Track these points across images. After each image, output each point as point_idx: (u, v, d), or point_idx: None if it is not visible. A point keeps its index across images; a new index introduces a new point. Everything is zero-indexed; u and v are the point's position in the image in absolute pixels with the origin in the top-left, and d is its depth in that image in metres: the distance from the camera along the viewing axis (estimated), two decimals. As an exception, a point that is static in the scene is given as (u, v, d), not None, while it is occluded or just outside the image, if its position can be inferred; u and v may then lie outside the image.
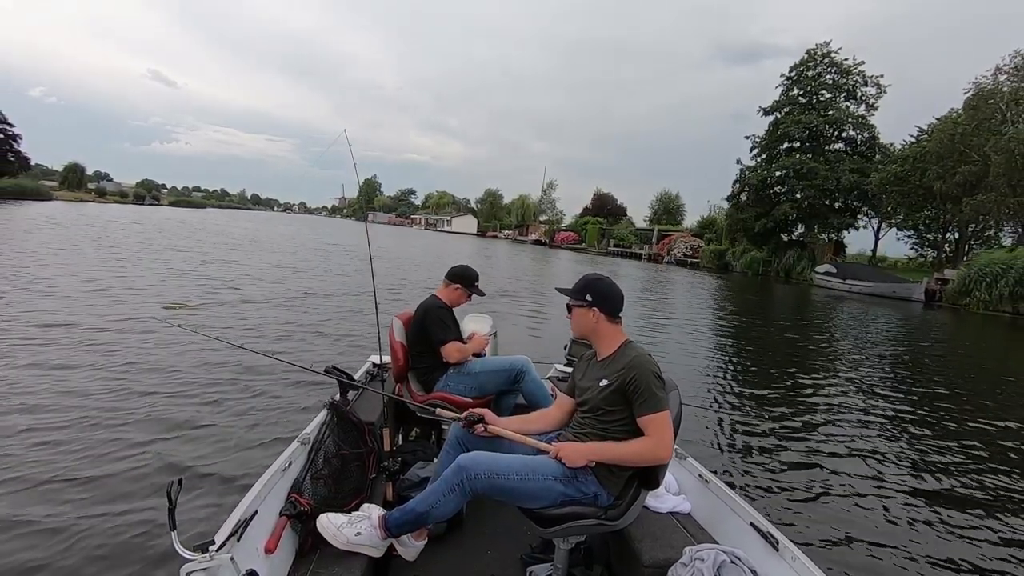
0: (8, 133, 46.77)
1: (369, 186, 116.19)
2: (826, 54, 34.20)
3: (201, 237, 22.03)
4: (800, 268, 31.42)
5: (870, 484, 3.75)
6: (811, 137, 33.99)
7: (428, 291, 2.82)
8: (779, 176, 34.21)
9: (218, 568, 1.25)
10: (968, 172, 24.21)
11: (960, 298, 20.93)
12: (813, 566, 1.47)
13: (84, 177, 69.25)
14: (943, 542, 3.04)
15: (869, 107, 33.87)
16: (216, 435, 3.50)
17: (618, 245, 51.89)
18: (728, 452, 4.15)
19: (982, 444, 4.78)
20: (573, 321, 1.86)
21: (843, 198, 32.94)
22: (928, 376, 8.12)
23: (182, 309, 6.61)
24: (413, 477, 2.22)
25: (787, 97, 35.48)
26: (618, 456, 1.64)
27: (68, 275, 9.14)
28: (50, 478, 2.82)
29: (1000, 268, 19.53)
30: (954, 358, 10.22)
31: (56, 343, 5.16)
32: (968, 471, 4.11)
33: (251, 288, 9.90)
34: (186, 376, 4.55)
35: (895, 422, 5.31)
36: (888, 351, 10.36)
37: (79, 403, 3.80)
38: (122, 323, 6.09)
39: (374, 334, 2.61)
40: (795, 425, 4.94)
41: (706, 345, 9.23)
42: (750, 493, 3.42)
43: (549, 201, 73.64)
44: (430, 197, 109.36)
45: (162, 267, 11.49)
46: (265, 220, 58.57)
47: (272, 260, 15.90)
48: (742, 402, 5.70)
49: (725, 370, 6.96)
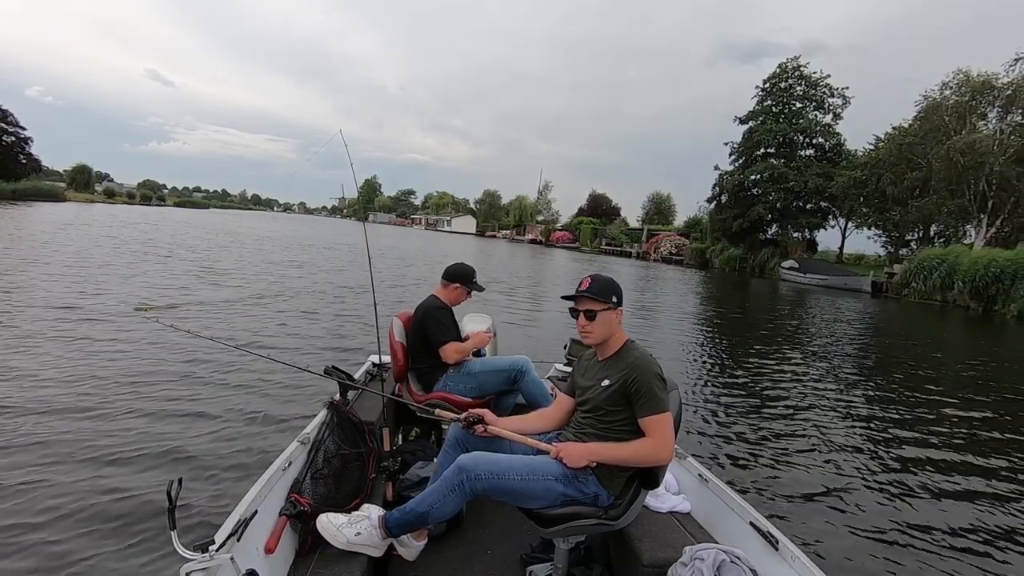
0: (20, 136, 45.87)
1: (369, 186, 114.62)
2: (796, 68, 35.03)
3: (239, 238, 21.97)
4: (772, 265, 32.11)
5: (869, 483, 3.60)
6: (784, 144, 34.76)
7: (431, 283, 2.70)
8: (754, 180, 34.86)
9: (218, 568, 1.19)
10: (915, 178, 25.41)
11: (901, 289, 22.24)
12: (813, 566, 1.40)
13: (91, 178, 67.95)
14: (943, 541, 2.91)
15: (835, 116, 34.79)
16: (216, 435, 3.37)
17: (610, 244, 52.01)
18: (728, 451, 3.97)
19: (980, 444, 4.60)
20: (596, 326, 1.65)
21: (812, 200, 33.74)
22: (899, 364, 8.17)
23: (152, 311, 6.33)
24: (413, 477, 2.12)
25: (761, 107, 36.11)
26: (619, 456, 1.56)
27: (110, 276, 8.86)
28: (50, 479, 2.70)
29: (934, 263, 20.70)
30: (897, 343, 10.38)
31: (58, 337, 4.97)
32: (967, 469, 3.96)
33: (251, 287, 9.70)
34: (186, 377, 4.38)
35: (892, 421, 5.10)
36: (851, 340, 10.45)
37: (79, 403, 3.65)
38: (120, 324, 5.86)
39: (373, 334, 2.50)
40: (794, 424, 4.76)
41: (692, 336, 9.21)
42: (750, 492, 3.29)
43: (545, 202, 73.62)
44: (430, 197, 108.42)
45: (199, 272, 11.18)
46: (271, 219, 58.01)
47: (279, 258, 15.72)
48: (741, 401, 5.43)
49: (717, 365, 6.87)
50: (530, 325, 8.86)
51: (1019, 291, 17.29)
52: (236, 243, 20.06)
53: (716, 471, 2.33)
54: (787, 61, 35.31)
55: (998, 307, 18.01)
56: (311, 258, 17.29)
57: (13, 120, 45.19)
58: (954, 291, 19.58)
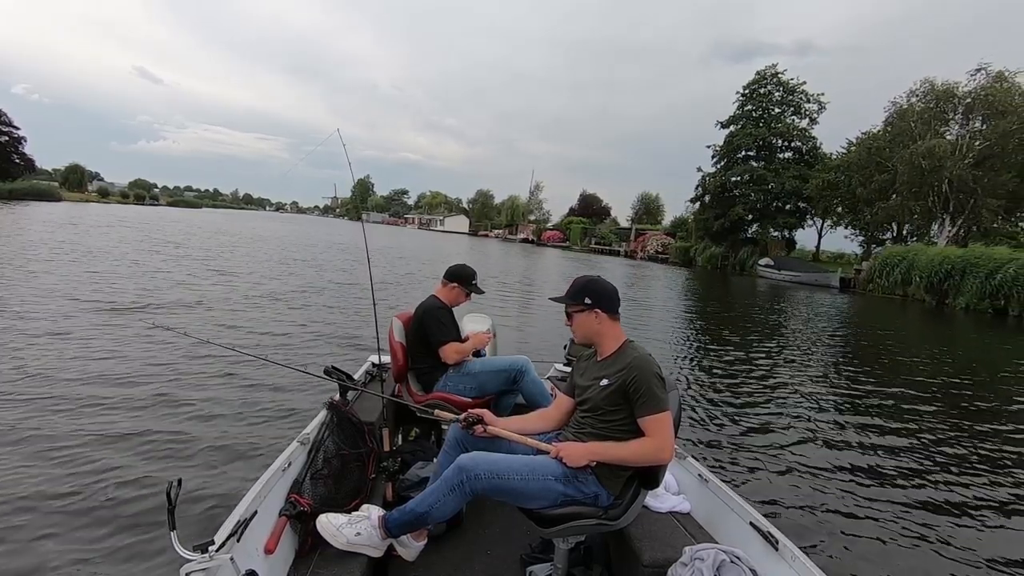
0: (14, 136, 44.64)
1: (362, 186, 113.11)
2: (774, 75, 35.42)
3: (238, 238, 21.49)
4: (751, 263, 32.59)
5: (869, 483, 3.49)
6: (763, 147, 35.16)
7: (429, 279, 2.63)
8: (735, 181, 35.24)
9: (218, 568, 1.16)
10: (882, 180, 26.06)
11: (867, 284, 22.94)
12: (813, 565, 1.37)
13: (84, 178, 66.34)
14: (943, 539, 2.83)
15: (812, 121, 35.30)
16: (216, 436, 3.27)
17: (599, 243, 52.16)
18: (728, 451, 3.87)
19: (980, 443, 4.45)
20: (575, 327, 1.69)
21: (791, 201, 34.21)
22: (882, 360, 8.20)
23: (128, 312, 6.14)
24: (413, 477, 2.06)
25: (742, 111, 36.48)
26: (619, 456, 1.52)
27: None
28: (49, 479, 2.61)
29: (896, 261, 21.42)
30: (882, 338, 10.49)
31: (58, 337, 4.82)
32: (964, 469, 3.85)
33: (251, 287, 9.49)
34: (185, 378, 4.25)
35: (891, 420, 4.93)
36: (833, 335, 10.55)
37: (79, 404, 3.53)
38: (118, 326, 5.68)
39: (373, 334, 2.44)
40: (795, 424, 4.63)
41: (683, 334, 9.22)
42: (750, 493, 3.17)
43: (536, 202, 73.49)
44: (423, 197, 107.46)
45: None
46: (267, 219, 57.13)
47: (278, 258, 15.47)
48: (740, 400, 5.27)
49: (714, 364, 6.74)
50: (528, 322, 8.80)
51: (967, 286, 18.19)
52: (235, 243, 19.72)
53: (716, 471, 2.26)
54: (766, 68, 35.80)
55: (949, 300, 18.89)
56: (310, 257, 17.06)
57: (7, 120, 43.98)
58: (912, 286, 20.31)
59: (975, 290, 17.83)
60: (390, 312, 2.63)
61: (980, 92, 23.68)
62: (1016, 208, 24.81)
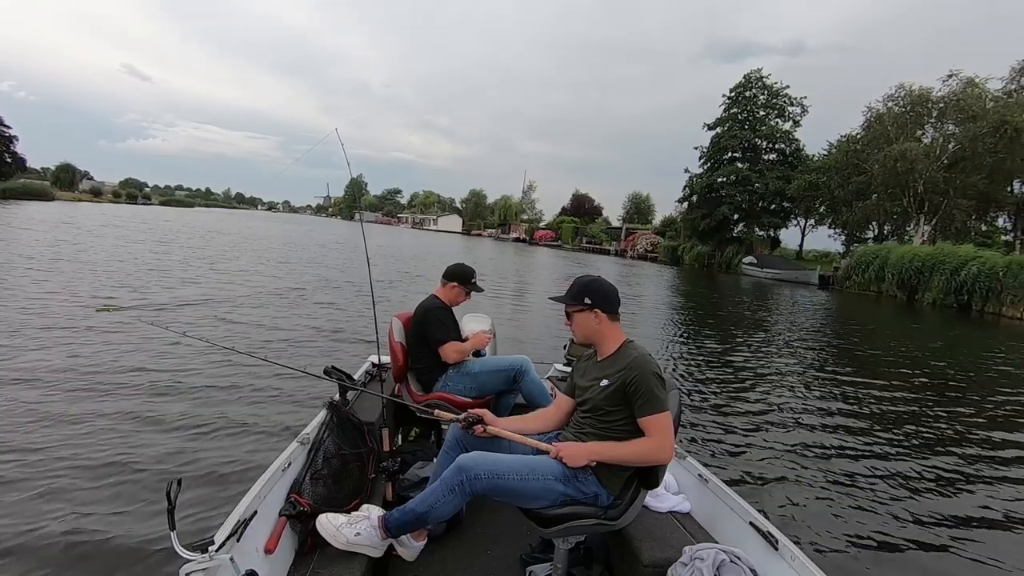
0: (5, 134, 43.49)
1: (355, 185, 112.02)
2: (759, 78, 35.68)
3: (239, 238, 21.19)
4: (736, 261, 32.92)
5: (869, 482, 3.42)
6: (748, 149, 35.51)
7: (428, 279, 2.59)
8: (721, 182, 35.47)
9: (218, 568, 1.14)
10: (860, 181, 26.60)
11: (844, 281, 23.75)
12: (812, 565, 1.35)
13: (76, 177, 64.96)
14: (943, 539, 2.80)
15: (795, 123, 35.66)
16: (216, 436, 3.20)
17: (590, 242, 52.26)
18: (727, 451, 3.80)
19: (978, 444, 4.39)
20: (575, 327, 1.66)
21: (775, 201, 34.55)
22: (872, 358, 8.30)
23: (116, 310, 6.01)
24: (413, 477, 2.03)
25: (728, 114, 36.67)
26: (620, 456, 1.50)
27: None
28: (49, 480, 2.55)
29: (870, 259, 22.07)
30: (868, 335, 10.65)
31: (50, 346, 4.67)
32: (964, 468, 3.82)
33: (251, 288, 9.33)
34: (185, 378, 4.16)
35: (889, 417, 4.94)
36: (818, 332, 10.62)
37: (78, 404, 3.44)
38: (117, 325, 5.53)
39: (372, 334, 2.39)
40: (794, 423, 4.58)
41: (677, 333, 9.20)
42: (749, 492, 3.14)
43: (529, 202, 73.31)
44: (416, 196, 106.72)
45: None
46: (263, 219, 56.37)
47: (277, 258, 15.26)
48: (740, 400, 5.20)
49: (712, 363, 6.67)
50: (523, 325, 8.69)
51: (934, 282, 18.88)
52: (234, 243, 19.44)
53: (716, 471, 2.24)
54: (751, 72, 36.05)
55: (918, 296, 19.54)
56: (310, 256, 16.86)
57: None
58: (885, 283, 20.91)
59: (941, 286, 18.48)
60: (390, 312, 2.58)
61: (952, 97, 24.24)
62: (986, 208, 25.53)
